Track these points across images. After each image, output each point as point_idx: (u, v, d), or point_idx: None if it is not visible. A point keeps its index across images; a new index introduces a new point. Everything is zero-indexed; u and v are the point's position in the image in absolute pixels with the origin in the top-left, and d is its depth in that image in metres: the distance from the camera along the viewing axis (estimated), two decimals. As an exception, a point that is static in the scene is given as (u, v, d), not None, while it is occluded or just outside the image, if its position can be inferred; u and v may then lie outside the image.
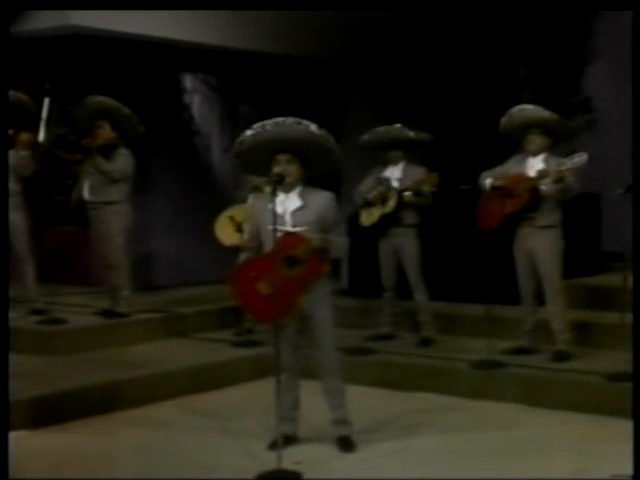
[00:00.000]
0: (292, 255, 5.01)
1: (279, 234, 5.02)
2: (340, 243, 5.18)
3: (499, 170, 6.82)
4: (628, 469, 4.44)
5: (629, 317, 5.89)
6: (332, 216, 5.17)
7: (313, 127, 5.05)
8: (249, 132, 5.08)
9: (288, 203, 5.15)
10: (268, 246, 5.09)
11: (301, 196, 5.16)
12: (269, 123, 5.03)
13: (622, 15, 8.58)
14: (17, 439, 5.10)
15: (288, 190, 5.16)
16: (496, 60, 9.85)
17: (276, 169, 5.11)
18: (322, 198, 5.19)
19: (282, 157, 5.10)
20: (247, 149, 5.11)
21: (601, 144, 8.77)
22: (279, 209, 5.10)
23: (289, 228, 5.10)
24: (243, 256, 5.31)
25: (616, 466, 4.77)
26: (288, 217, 5.12)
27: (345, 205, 6.06)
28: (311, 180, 5.29)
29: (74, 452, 5.33)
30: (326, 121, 5.39)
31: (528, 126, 6.64)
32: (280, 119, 5.03)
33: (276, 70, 10.00)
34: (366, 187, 7.40)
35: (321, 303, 5.18)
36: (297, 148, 5.09)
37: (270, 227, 5.00)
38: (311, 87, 10.32)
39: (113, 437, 5.64)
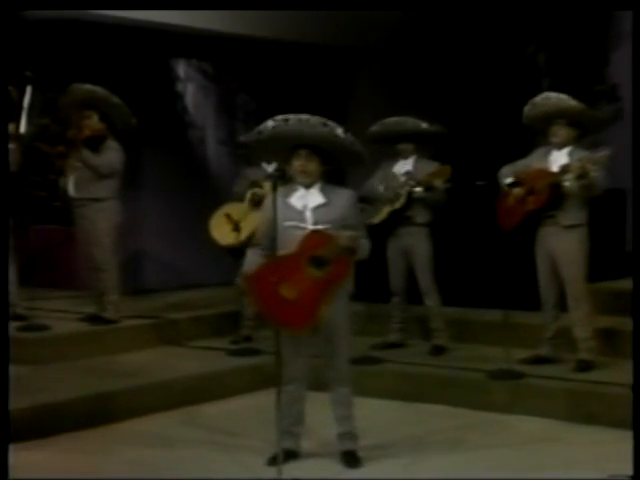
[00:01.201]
0: (319, 255, 5.01)
1: (299, 232, 5.05)
2: (364, 244, 5.20)
3: (521, 164, 6.82)
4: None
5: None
6: (354, 215, 5.20)
7: (339, 130, 5.09)
8: (270, 123, 5.12)
9: (309, 199, 5.17)
10: (283, 245, 5.05)
11: (322, 192, 5.19)
12: (292, 118, 5.08)
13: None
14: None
15: (308, 185, 5.19)
16: (513, 45, 9.85)
17: (296, 163, 5.16)
18: (344, 196, 5.22)
19: (303, 152, 5.15)
20: (265, 140, 5.17)
21: (629, 136, 8.75)
22: (298, 204, 5.15)
23: (309, 226, 5.12)
24: (250, 254, 5.28)
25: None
26: (309, 214, 5.14)
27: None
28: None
29: (58, 469, 5.31)
30: (328, 112, 5.41)
31: (552, 116, 6.63)
32: (304, 116, 5.07)
33: (276, 57, 10.00)
34: (377, 182, 7.41)
35: (340, 309, 5.18)
36: (320, 146, 5.14)
37: (287, 224, 5.04)
38: (313, 75, 10.32)
39: (100, 453, 5.63)
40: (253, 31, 9.19)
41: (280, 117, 5.11)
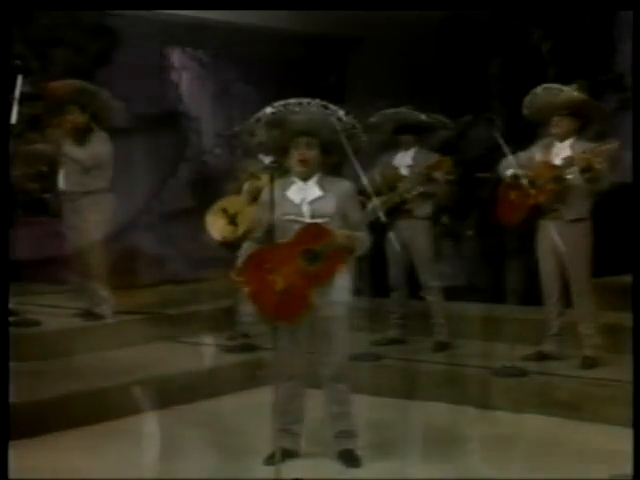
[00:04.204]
0: (312, 249, 5.03)
1: (296, 226, 5.07)
2: (363, 238, 5.21)
3: (523, 156, 6.82)
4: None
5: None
6: (352, 207, 5.22)
7: (341, 113, 5.11)
8: (269, 109, 5.12)
9: (306, 192, 5.18)
10: (281, 239, 5.05)
11: (320, 185, 5.20)
12: (292, 102, 5.09)
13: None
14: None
15: (306, 177, 5.20)
16: (517, 33, 9.84)
17: (295, 152, 5.16)
18: (343, 188, 5.23)
19: (302, 140, 5.14)
20: (263, 127, 5.16)
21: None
22: (295, 198, 5.16)
23: (307, 219, 5.13)
24: (247, 247, 5.31)
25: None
26: (305, 207, 5.15)
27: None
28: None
29: (47, 469, 5.31)
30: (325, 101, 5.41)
31: (553, 108, 6.63)
32: (305, 100, 5.09)
33: (273, 46, 9.98)
34: (377, 174, 7.41)
35: (339, 304, 5.20)
36: (320, 133, 5.14)
37: (285, 218, 5.06)
38: (311, 65, 10.31)
39: (93, 452, 5.64)
40: (249, 19, 9.19)
41: (279, 102, 5.11)
